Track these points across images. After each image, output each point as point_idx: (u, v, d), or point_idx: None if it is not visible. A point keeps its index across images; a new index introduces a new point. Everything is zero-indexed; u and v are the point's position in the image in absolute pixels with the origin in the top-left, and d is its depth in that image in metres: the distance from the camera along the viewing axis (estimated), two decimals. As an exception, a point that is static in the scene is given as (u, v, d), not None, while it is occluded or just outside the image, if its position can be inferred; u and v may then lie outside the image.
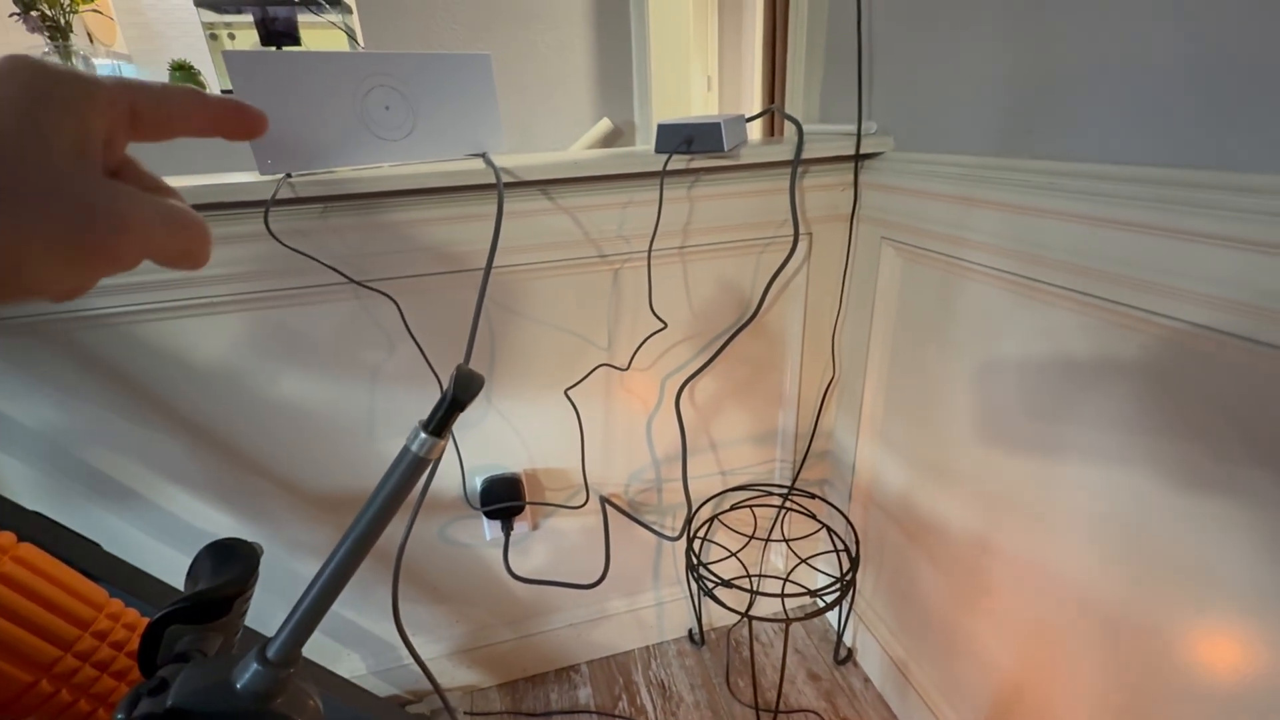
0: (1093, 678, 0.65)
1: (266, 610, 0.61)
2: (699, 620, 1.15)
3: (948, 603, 0.86)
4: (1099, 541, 0.62)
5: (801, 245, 0.92)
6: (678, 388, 0.94)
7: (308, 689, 0.35)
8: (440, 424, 0.32)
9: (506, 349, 0.87)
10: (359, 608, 0.99)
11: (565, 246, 0.82)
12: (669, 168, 0.77)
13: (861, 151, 0.83)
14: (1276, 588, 0.48)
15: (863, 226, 0.90)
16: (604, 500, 1.00)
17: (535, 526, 1.01)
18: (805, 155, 0.81)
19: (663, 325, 0.89)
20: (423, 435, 0.31)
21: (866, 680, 1.06)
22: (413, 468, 0.32)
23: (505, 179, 0.72)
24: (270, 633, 0.34)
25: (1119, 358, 0.57)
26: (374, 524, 0.33)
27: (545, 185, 0.78)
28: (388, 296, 0.77)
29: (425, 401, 0.85)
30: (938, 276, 0.78)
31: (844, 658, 1.10)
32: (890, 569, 0.99)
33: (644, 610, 1.13)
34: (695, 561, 0.92)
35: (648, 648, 1.15)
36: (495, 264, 0.74)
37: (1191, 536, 0.53)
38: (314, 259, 0.72)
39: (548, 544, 1.02)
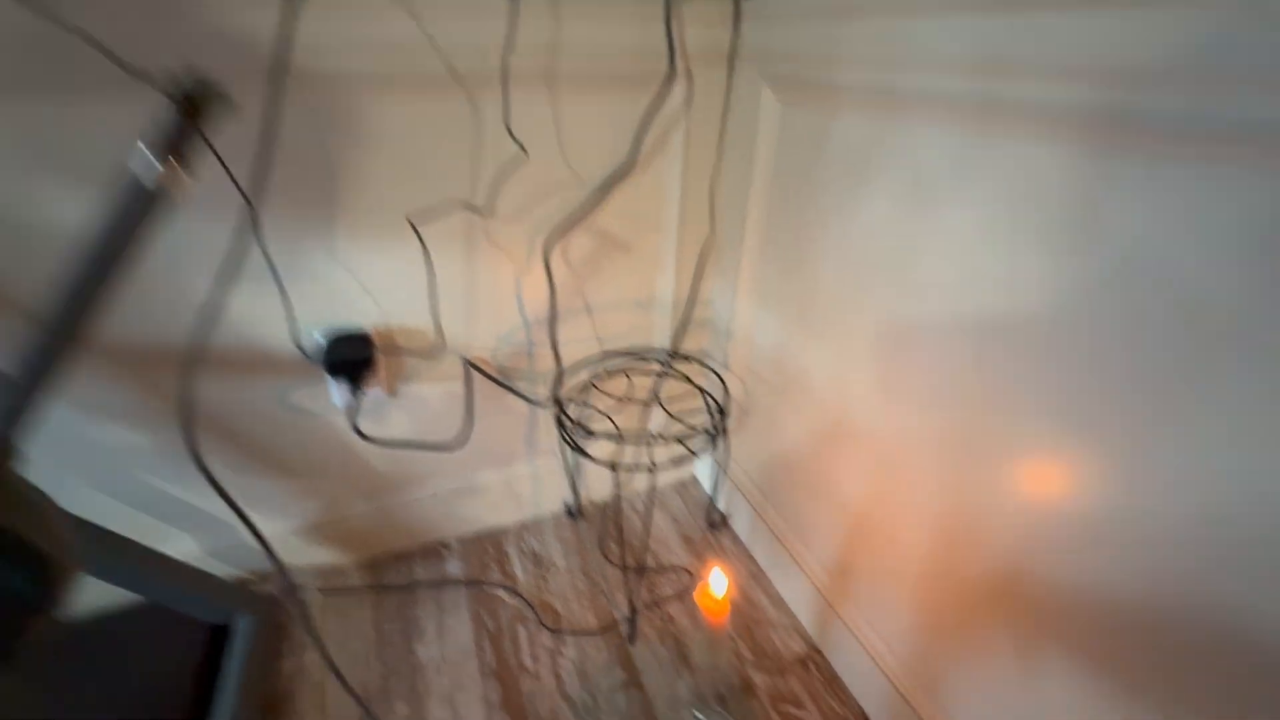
0: (929, 502, 0.68)
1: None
2: (575, 492, 1.13)
3: (809, 451, 0.88)
4: (938, 375, 0.63)
5: (681, 89, 0.85)
6: (548, 242, 0.87)
7: (41, 502, 0.26)
8: (172, 141, 0.23)
9: (347, 184, 0.76)
10: (187, 483, 0.88)
11: (406, 54, 0.70)
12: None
13: (743, -23, 0.77)
14: (1079, 418, 0.50)
15: (743, 67, 0.85)
16: (467, 363, 0.93)
17: (393, 393, 0.93)
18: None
19: (523, 151, 0.81)
20: (146, 153, 0.22)
21: (736, 539, 1.10)
22: (137, 200, 0.23)
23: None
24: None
25: (976, 167, 0.55)
26: (90, 276, 0.24)
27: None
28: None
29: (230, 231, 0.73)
30: (812, 120, 0.75)
31: (717, 522, 1.13)
32: (762, 429, 1.00)
33: (517, 482, 1.10)
34: (562, 417, 0.88)
35: (523, 522, 1.13)
36: (317, 66, 0.62)
37: (1017, 371, 0.55)
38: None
39: (408, 412, 0.94)
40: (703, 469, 1.20)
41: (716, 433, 0.89)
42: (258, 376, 0.84)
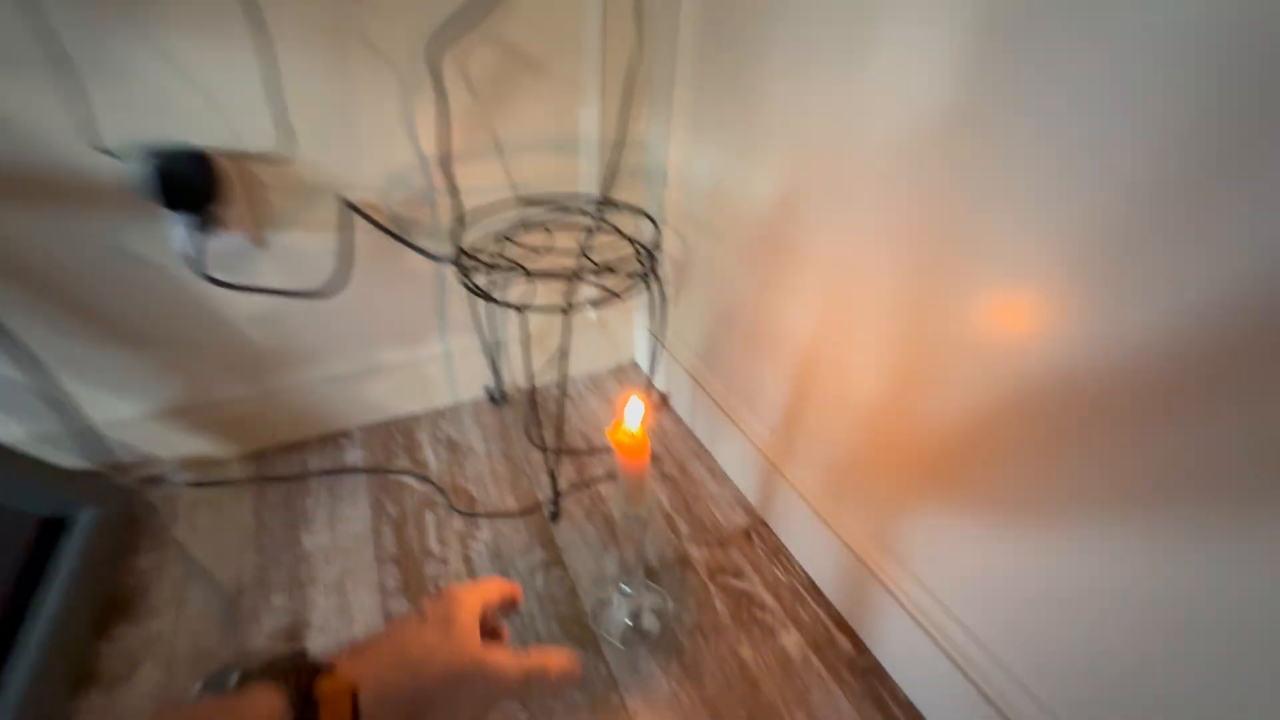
0: (885, 340, 0.58)
1: None
2: (497, 374, 1.00)
3: (752, 299, 0.77)
4: (898, 188, 0.51)
5: None
6: (433, 47, 0.70)
7: None
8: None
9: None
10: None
11: None
12: None
13: None
14: (1037, 261, 0.38)
15: None
16: (346, 203, 0.77)
17: (260, 242, 0.77)
18: None
19: None
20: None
21: (678, 420, 0.99)
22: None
23: None
24: None
25: None
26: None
27: None
28: None
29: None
30: None
31: (656, 403, 1.02)
32: (702, 289, 0.89)
33: (430, 364, 0.96)
34: (463, 259, 0.74)
35: (438, 409, 1.00)
36: None
37: (989, 179, 0.43)
38: None
39: (281, 266, 0.79)
40: (640, 350, 1.09)
41: (648, 275, 0.76)
42: (69, 209, 0.67)
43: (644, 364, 1.08)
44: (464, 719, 0.32)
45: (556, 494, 0.81)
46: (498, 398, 1.01)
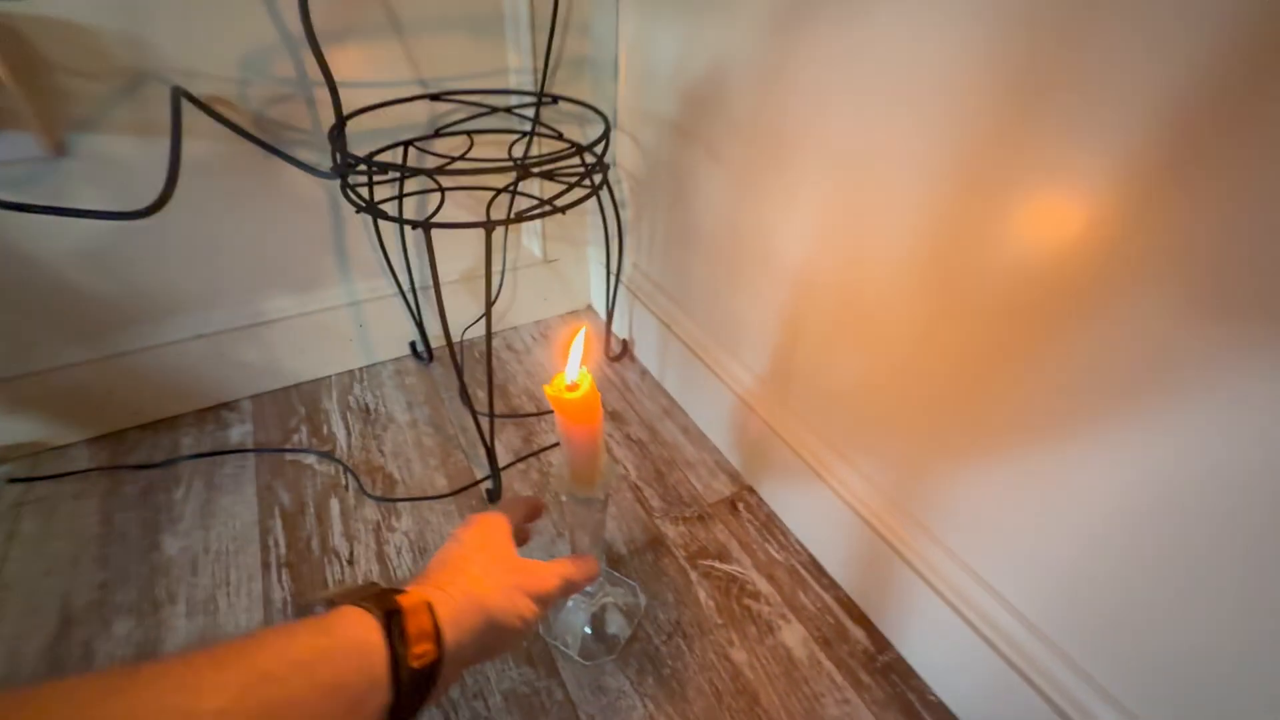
0: (901, 263, 0.42)
1: None
2: (421, 325, 0.82)
3: (729, 217, 0.60)
4: (931, 59, 0.35)
5: None
6: None
7: None
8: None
9: None
10: None
11: None
12: None
13: None
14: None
15: None
16: (178, 93, 0.56)
17: (58, 149, 0.56)
18: None
19: None
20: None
21: (644, 372, 0.84)
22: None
23: None
24: None
25: None
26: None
27: None
28: None
29: None
30: None
31: (618, 353, 0.86)
32: (665, 209, 0.72)
33: (334, 316, 0.77)
34: (343, 160, 0.55)
35: (351, 372, 0.82)
36: None
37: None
38: None
39: (93, 183, 0.58)
40: (598, 291, 0.92)
41: (598, 186, 0.59)
42: None
43: (602, 309, 0.91)
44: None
45: (496, 469, 0.65)
46: (424, 355, 0.83)
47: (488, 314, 0.57)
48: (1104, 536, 0.37)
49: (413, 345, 0.84)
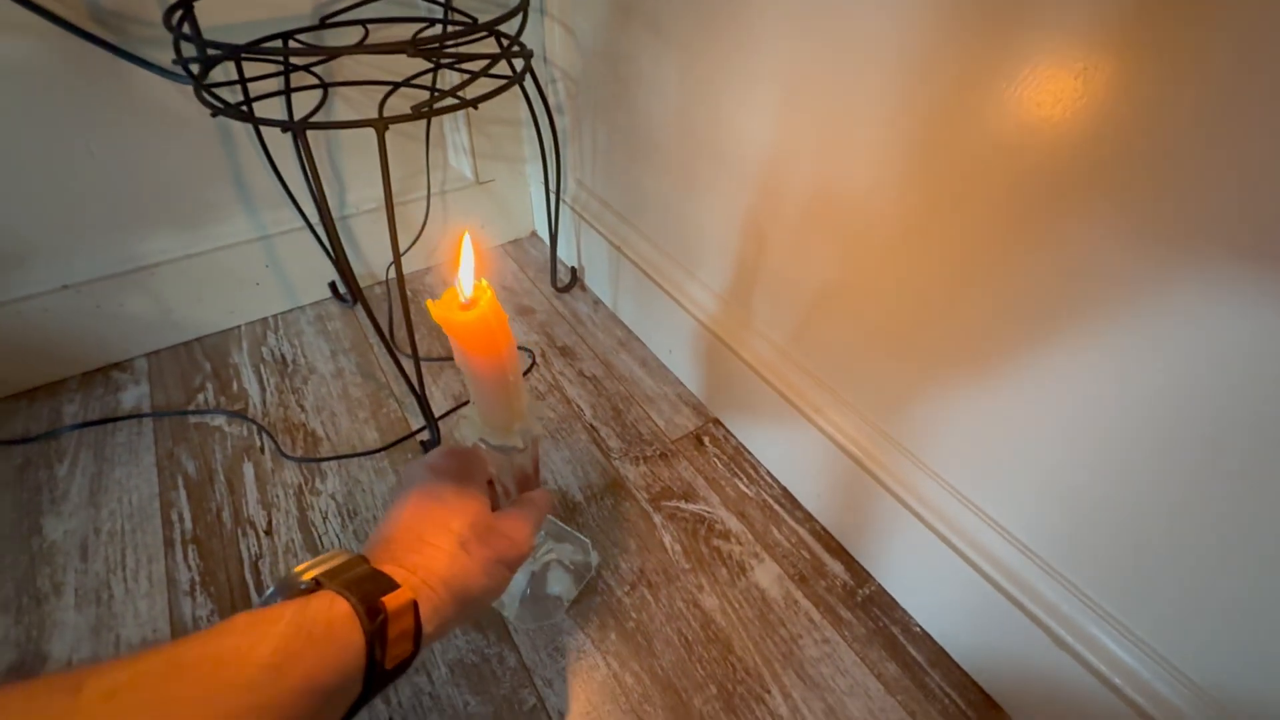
0: (878, 152, 0.34)
1: None
2: (339, 262, 0.72)
3: (683, 111, 0.51)
4: None
5: None
6: None
7: None
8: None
9: None
10: None
11: None
12: None
13: None
14: None
15: None
16: None
17: None
18: None
19: None
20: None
21: (596, 302, 0.76)
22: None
23: None
24: None
25: None
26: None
27: None
28: None
29: None
30: None
31: (567, 283, 0.78)
32: (608, 111, 0.62)
33: (231, 254, 0.67)
34: (186, 47, 0.45)
35: (264, 320, 0.72)
36: None
37: None
38: None
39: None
40: (541, 221, 0.82)
41: (522, 80, 0.49)
42: None
43: (546, 233, 0.82)
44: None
45: (430, 417, 0.57)
46: (346, 297, 0.74)
47: (393, 235, 0.48)
48: (1089, 448, 0.32)
49: (332, 285, 0.74)
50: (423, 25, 0.59)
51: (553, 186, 0.70)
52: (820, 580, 0.50)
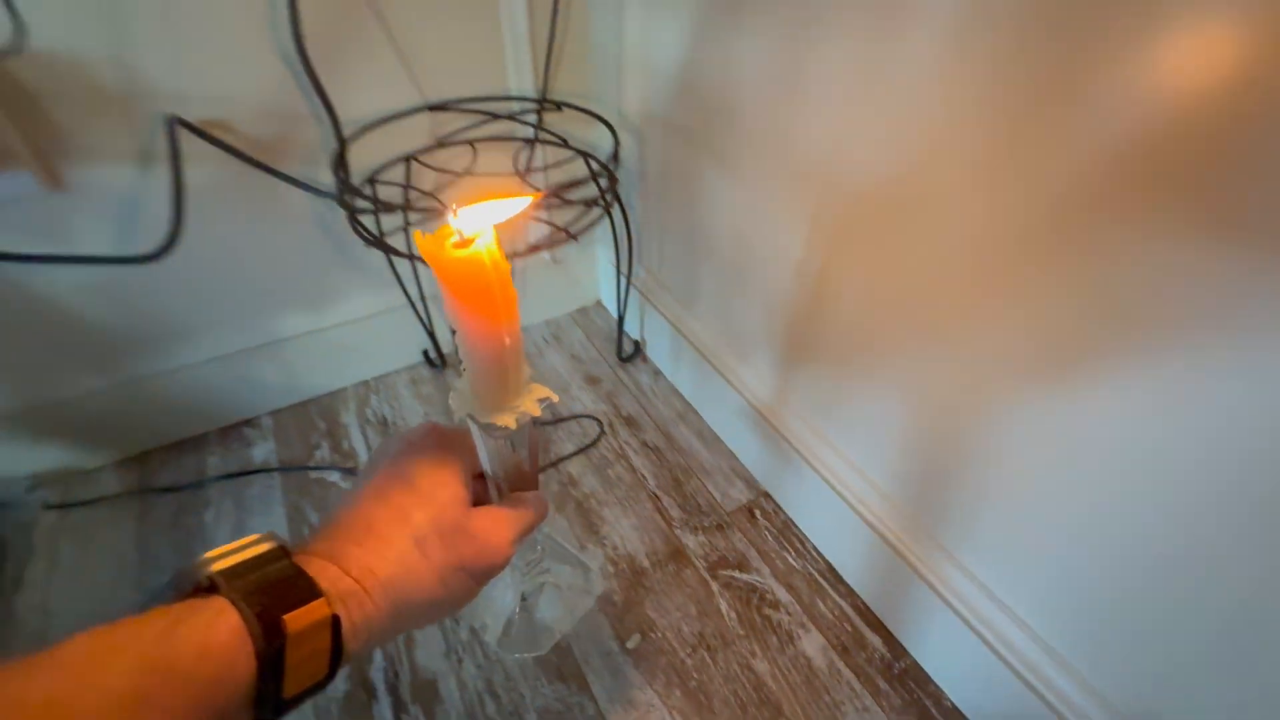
0: (927, 251, 0.42)
1: None
2: (431, 333, 0.82)
3: (739, 218, 0.59)
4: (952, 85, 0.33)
5: None
6: None
7: None
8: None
9: None
10: None
11: None
12: None
13: None
14: None
15: None
16: (174, 122, 0.55)
17: (58, 182, 0.55)
18: None
19: None
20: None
21: (657, 373, 0.84)
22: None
23: None
24: None
25: None
26: None
27: None
28: None
29: None
30: None
31: (630, 354, 0.86)
32: (675, 211, 0.70)
33: (348, 329, 0.77)
34: (346, 187, 0.55)
35: (365, 381, 0.82)
36: None
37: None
38: None
39: (94, 215, 0.57)
40: (606, 287, 0.91)
41: (608, 200, 0.58)
42: None
43: (611, 304, 0.91)
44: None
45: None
46: (437, 362, 0.84)
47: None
48: (1106, 554, 0.37)
49: (425, 353, 0.84)
50: (521, 144, 0.69)
51: (623, 269, 0.78)
52: (861, 652, 0.56)
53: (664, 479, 0.70)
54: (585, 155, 0.63)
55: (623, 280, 0.79)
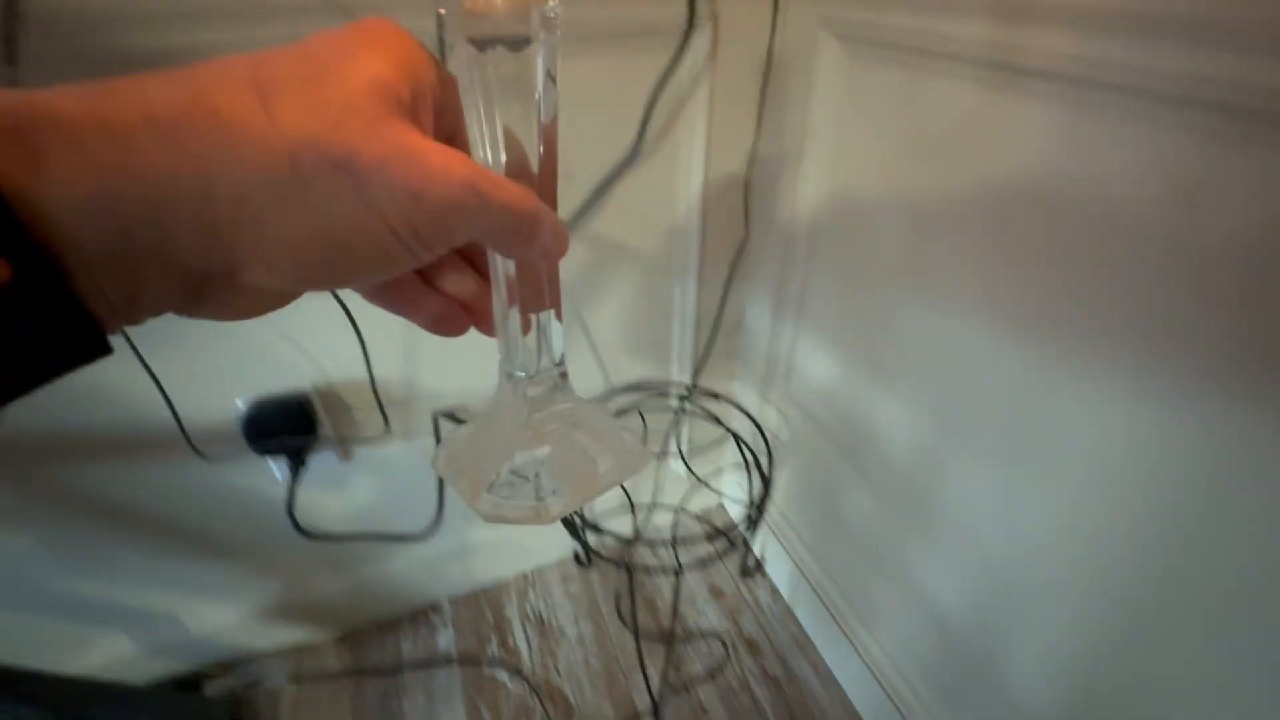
0: (1063, 640, 0.50)
1: None
2: (583, 540, 0.96)
3: (875, 522, 0.69)
4: (1094, 475, 0.43)
5: (703, 38, 0.60)
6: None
7: None
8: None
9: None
10: (102, 576, 0.71)
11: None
12: None
13: None
14: None
15: (793, 7, 0.59)
16: (441, 418, 0.73)
17: (347, 456, 0.74)
18: None
19: None
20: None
21: (774, 591, 0.93)
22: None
23: None
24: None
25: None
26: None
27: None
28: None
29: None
30: (901, 79, 0.51)
31: (751, 568, 0.96)
32: (806, 472, 0.81)
33: (516, 533, 0.93)
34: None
35: (525, 575, 0.97)
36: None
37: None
38: None
39: (368, 477, 0.76)
40: (732, 495, 1.02)
41: (758, 515, 0.70)
42: (169, 457, 0.66)
43: (732, 508, 1.02)
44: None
45: (657, 708, 0.77)
46: (585, 560, 0.97)
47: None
48: None
49: (576, 553, 0.98)
50: (674, 417, 0.83)
51: (754, 502, 0.89)
52: None
53: (780, 711, 0.78)
54: (737, 439, 0.76)
55: (753, 511, 0.90)
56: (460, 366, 0.73)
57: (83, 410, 0.61)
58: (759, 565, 0.96)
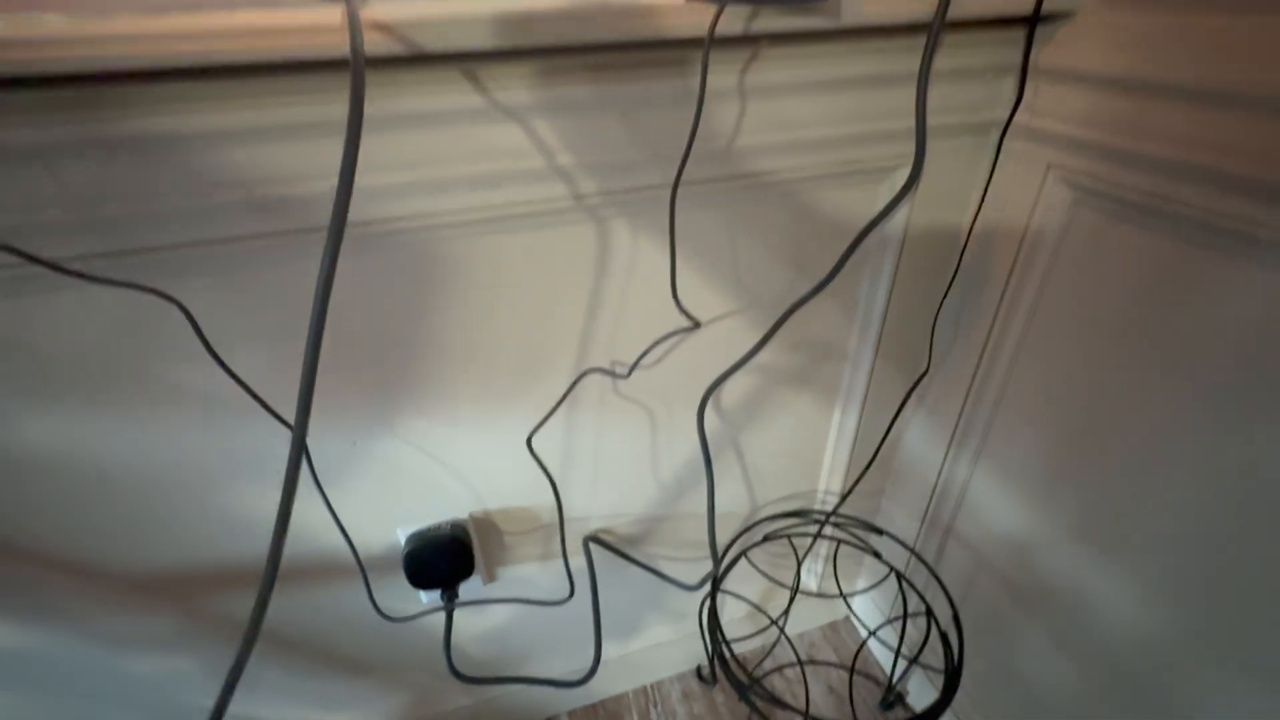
0: None
1: None
2: (711, 659, 0.91)
3: (1075, 700, 0.62)
4: None
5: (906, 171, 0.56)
6: (702, 395, 0.61)
7: None
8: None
9: (424, 355, 0.53)
10: (249, 695, 0.70)
11: (511, 182, 0.45)
12: (718, 33, 0.39)
13: (1044, 8, 0.46)
14: None
15: (1018, 145, 0.55)
16: (591, 542, 0.70)
17: (491, 579, 0.72)
18: (952, 13, 0.44)
19: (693, 324, 0.55)
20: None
21: (920, 732, 0.85)
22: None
23: (376, 46, 0.34)
24: None
25: None
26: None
27: (465, 61, 0.40)
28: (162, 296, 0.40)
29: (273, 433, 0.52)
30: (1154, 244, 0.45)
31: (892, 702, 0.89)
32: (971, 620, 0.74)
33: (640, 652, 0.88)
34: (717, 624, 0.65)
35: (644, 688, 0.92)
36: (383, 214, 0.39)
37: None
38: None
39: (510, 594, 0.74)
40: (855, 619, 0.95)
41: (950, 692, 0.63)
42: (326, 584, 0.64)
43: (858, 623, 0.95)
44: None
45: None
46: (708, 679, 0.92)
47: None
48: None
49: (699, 669, 0.93)
50: (832, 547, 0.77)
51: (902, 647, 0.82)
52: None
53: None
54: (900, 576, 0.70)
55: (901, 648, 0.83)
56: (611, 493, 0.70)
57: (251, 543, 0.60)
58: (901, 699, 0.89)
